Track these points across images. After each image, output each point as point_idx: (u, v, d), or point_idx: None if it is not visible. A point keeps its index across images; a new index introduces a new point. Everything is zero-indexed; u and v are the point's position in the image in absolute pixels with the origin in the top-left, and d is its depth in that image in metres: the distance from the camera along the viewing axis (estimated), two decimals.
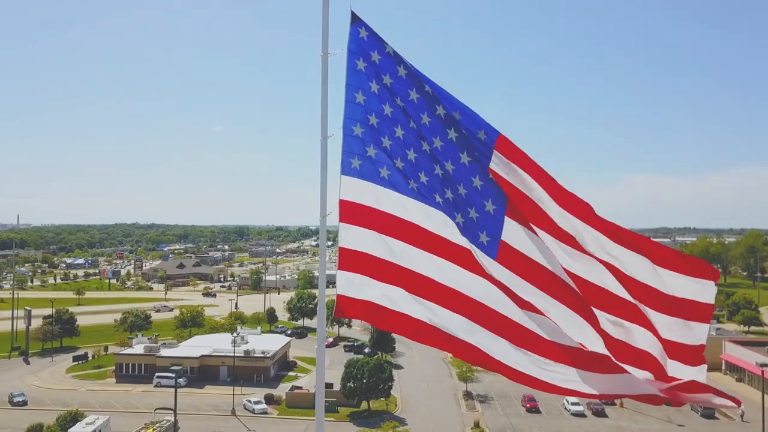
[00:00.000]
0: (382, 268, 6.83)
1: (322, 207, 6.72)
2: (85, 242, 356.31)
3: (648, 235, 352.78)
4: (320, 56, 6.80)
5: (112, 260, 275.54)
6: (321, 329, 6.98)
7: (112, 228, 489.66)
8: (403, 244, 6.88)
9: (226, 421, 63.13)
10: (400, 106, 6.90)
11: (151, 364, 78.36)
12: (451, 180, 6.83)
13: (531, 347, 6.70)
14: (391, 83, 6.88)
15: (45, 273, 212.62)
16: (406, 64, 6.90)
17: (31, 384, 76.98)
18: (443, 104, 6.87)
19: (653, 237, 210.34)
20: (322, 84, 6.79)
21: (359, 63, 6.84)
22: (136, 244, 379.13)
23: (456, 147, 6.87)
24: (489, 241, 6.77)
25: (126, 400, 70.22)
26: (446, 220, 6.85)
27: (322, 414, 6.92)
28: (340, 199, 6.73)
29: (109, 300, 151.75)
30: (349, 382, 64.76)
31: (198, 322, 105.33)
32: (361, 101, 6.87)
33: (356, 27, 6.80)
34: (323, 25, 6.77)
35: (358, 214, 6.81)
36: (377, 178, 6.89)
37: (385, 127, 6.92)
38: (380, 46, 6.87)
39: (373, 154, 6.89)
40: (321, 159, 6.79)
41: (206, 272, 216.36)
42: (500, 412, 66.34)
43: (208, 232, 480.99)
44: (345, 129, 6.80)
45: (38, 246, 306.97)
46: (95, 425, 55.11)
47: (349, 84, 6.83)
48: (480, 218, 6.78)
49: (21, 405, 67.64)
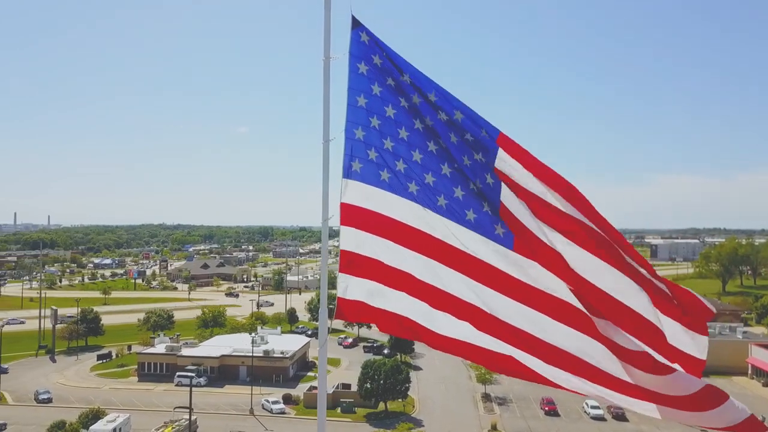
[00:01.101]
0: (383, 272, 6.87)
1: (324, 210, 6.82)
2: (113, 242, 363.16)
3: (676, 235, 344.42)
4: (322, 60, 6.88)
5: (139, 260, 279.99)
6: (323, 330, 7.00)
7: (139, 229, 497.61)
8: (403, 247, 6.91)
9: (245, 420, 63.72)
10: (403, 108, 6.96)
11: (172, 363, 79.48)
12: (461, 177, 6.86)
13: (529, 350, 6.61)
14: (393, 86, 6.94)
15: (73, 273, 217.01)
16: (407, 67, 6.95)
17: (57, 382, 78.68)
18: (445, 106, 6.90)
19: (681, 238, 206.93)
20: (324, 88, 6.88)
21: (361, 66, 6.90)
22: (162, 244, 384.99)
23: (456, 150, 6.88)
24: (505, 232, 6.78)
25: (147, 399, 71.36)
26: (447, 223, 6.85)
27: (324, 414, 7.00)
28: (341, 202, 6.81)
29: (134, 300, 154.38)
30: (366, 383, 64.88)
31: (220, 322, 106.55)
32: (362, 104, 6.92)
33: (357, 31, 6.87)
34: (325, 29, 6.83)
35: (359, 217, 6.87)
36: (378, 181, 6.93)
37: (387, 129, 6.96)
38: (381, 50, 6.92)
39: (374, 157, 6.94)
40: (323, 162, 6.87)
41: (230, 272, 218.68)
42: (518, 415, 65.84)
43: (233, 233, 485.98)
44: (347, 132, 6.86)
45: (67, 246, 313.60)
46: (115, 423, 56.14)
47: (351, 87, 6.88)
48: (493, 212, 6.79)
49: (46, 402, 69.17)
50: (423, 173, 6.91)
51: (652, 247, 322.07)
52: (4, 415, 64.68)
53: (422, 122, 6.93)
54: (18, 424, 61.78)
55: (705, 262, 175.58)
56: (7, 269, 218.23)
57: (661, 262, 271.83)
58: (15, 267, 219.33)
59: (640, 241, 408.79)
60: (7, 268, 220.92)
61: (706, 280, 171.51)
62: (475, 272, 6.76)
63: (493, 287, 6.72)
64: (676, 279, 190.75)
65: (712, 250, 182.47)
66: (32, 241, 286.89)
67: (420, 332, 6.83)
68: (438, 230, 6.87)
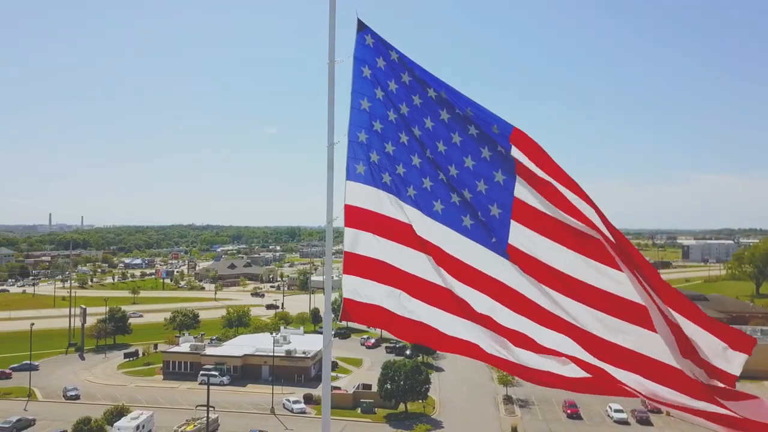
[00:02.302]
0: (386, 272, 6.94)
1: (329, 212, 6.84)
2: (143, 243, 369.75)
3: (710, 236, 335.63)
4: (327, 64, 6.90)
5: (168, 260, 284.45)
6: (327, 332, 7.06)
7: (169, 229, 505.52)
8: (406, 248, 6.96)
9: (265, 419, 64.23)
10: (405, 112, 6.96)
11: (197, 362, 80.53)
12: (457, 184, 6.84)
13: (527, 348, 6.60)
14: (397, 89, 6.95)
15: (104, 272, 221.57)
16: (412, 69, 6.92)
17: (85, 379, 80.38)
18: (451, 106, 6.84)
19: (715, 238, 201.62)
20: (328, 91, 6.90)
21: (365, 70, 6.95)
22: (191, 244, 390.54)
23: (461, 150, 6.83)
24: (497, 242, 6.74)
25: (171, 397, 72.44)
26: (443, 229, 6.86)
27: (328, 413, 7.15)
28: (345, 204, 6.92)
29: (162, 299, 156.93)
30: (386, 384, 64.85)
31: (244, 321, 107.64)
32: (366, 108, 6.99)
33: (362, 34, 6.90)
34: (330, 33, 6.87)
35: (363, 219, 6.95)
36: (380, 184, 7.01)
37: (390, 133, 7.01)
38: (386, 53, 6.93)
39: (376, 159, 7.01)
40: (328, 165, 6.90)
41: (256, 272, 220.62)
42: (540, 418, 65.11)
43: (261, 233, 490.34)
44: (350, 135, 6.95)
45: (99, 246, 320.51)
46: (139, 420, 57.10)
47: (355, 91, 6.95)
48: (488, 221, 6.76)
49: (74, 399, 70.73)
50: (421, 177, 6.93)
51: (684, 248, 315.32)
52: (34, 410, 66.34)
53: (422, 127, 6.92)
54: (46, 420, 63.31)
55: (738, 264, 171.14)
56: (42, 269, 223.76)
57: (692, 264, 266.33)
58: (49, 267, 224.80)
59: (672, 242, 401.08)
60: (41, 267, 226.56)
61: (738, 282, 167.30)
62: (472, 280, 6.75)
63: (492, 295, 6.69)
64: (707, 281, 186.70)
65: (745, 251, 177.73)
66: (66, 242, 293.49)
67: (422, 332, 6.86)
68: (435, 234, 6.88)
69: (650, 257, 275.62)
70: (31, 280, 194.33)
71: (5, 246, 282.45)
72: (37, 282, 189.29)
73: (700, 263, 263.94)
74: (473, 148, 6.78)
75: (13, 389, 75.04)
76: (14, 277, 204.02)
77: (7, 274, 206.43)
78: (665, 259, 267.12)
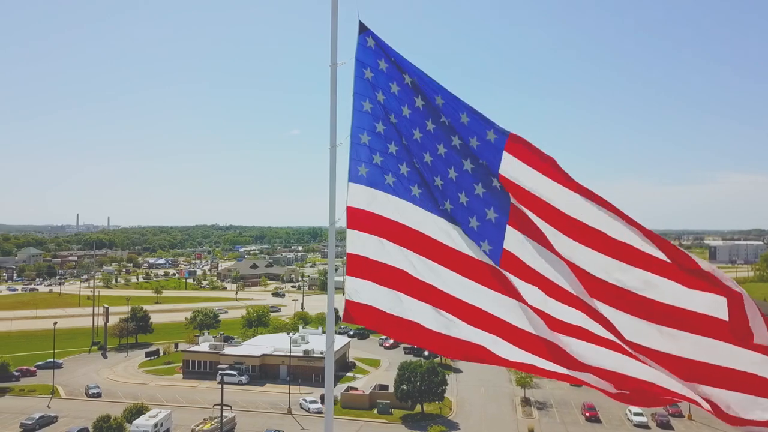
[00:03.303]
0: (388, 275, 6.94)
1: (331, 214, 6.87)
2: (167, 243, 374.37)
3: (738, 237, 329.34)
4: (329, 66, 6.96)
5: (191, 260, 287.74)
6: (330, 333, 7.07)
7: (193, 229, 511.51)
8: (408, 250, 6.96)
9: (282, 419, 64.58)
10: (406, 115, 6.98)
11: (216, 361, 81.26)
12: (453, 189, 6.83)
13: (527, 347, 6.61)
14: (398, 91, 6.96)
15: (129, 272, 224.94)
16: (413, 72, 6.93)
17: (107, 377, 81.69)
18: (449, 110, 6.83)
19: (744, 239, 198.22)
20: (330, 93, 6.96)
21: (366, 72, 6.96)
22: (214, 245, 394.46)
23: (459, 154, 6.83)
24: (491, 249, 6.70)
25: (191, 396, 73.25)
26: (448, 227, 6.87)
27: (331, 414, 7.05)
28: (348, 205, 6.93)
29: (184, 299, 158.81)
30: (403, 385, 64.72)
31: (264, 321, 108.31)
32: (368, 109, 7.00)
33: (364, 36, 6.92)
34: (332, 35, 6.90)
35: (365, 221, 6.96)
36: (383, 185, 7.01)
37: (392, 135, 7.03)
38: (387, 55, 6.95)
39: (379, 161, 7.02)
40: (330, 167, 6.95)
41: (278, 273, 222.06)
42: (557, 420, 64.41)
43: (283, 234, 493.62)
44: (352, 137, 6.96)
45: (125, 246, 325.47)
46: (157, 418, 57.87)
47: (357, 93, 6.97)
48: (480, 227, 6.73)
49: (96, 397, 71.93)
50: (422, 179, 6.93)
51: (711, 249, 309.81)
52: (57, 407, 67.64)
53: (424, 128, 6.92)
54: (69, 417, 64.46)
55: (766, 265, 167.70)
56: (68, 268, 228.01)
57: (720, 265, 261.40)
58: (75, 266, 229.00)
59: (699, 243, 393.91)
60: (68, 267, 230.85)
61: (767, 283, 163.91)
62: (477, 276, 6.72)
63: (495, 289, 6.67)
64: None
65: None
66: (92, 242, 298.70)
67: (423, 335, 6.83)
68: (438, 235, 6.88)
69: None
70: (57, 279, 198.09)
71: (34, 246, 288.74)
72: (64, 281, 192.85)
73: (728, 264, 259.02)
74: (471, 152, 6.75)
75: (37, 386, 76.59)
76: (42, 276, 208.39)
77: (35, 274, 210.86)
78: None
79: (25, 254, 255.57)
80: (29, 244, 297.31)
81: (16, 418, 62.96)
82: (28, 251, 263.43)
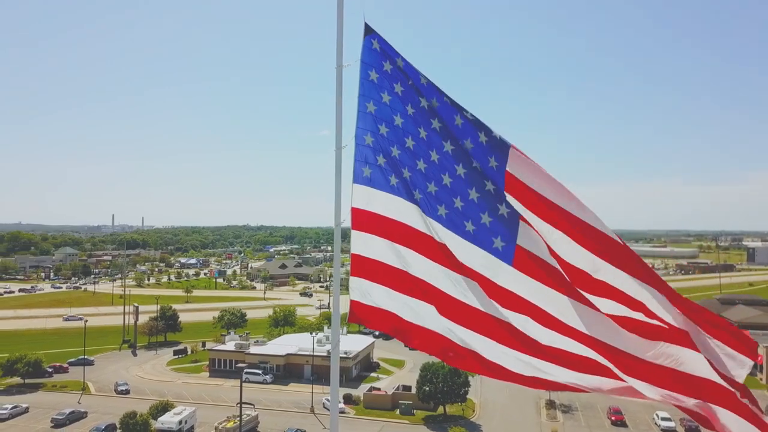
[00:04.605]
0: (392, 276, 6.99)
1: (337, 215, 6.95)
2: (199, 243, 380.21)
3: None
4: (335, 68, 7.00)
5: (222, 260, 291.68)
6: (335, 333, 7.18)
7: (225, 230, 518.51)
8: (412, 251, 7.00)
9: (305, 418, 64.94)
10: (411, 116, 7.03)
11: (241, 360, 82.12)
12: (461, 186, 6.85)
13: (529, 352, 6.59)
14: (402, 93, 7.02)
15: (161, 272, 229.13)
16: (417, 75, 7.01)
17: (135, 374, 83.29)
18: (453, 114, 6.91)
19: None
20: (336, 95, 7.01)
21: (372, 74, 7.03)
22: (245, 245, 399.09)
23: (466, 153, 6.87)
24: (504, 246, 6.69)
25: (216, 394, 74.20)
26: (446, 232, 6.87)
27: (336, 414, 7.13)
28: (352, 206, 7.01)
29: (213, 298, 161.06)
30: (425, 386, 64.49)
31: (290, 321, 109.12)
32: (372, 111, 7.06)
33: (369, 38, 6.98)
34: (338, 38, 6.95)
35: (369, 222, 7.02)
36: (387, 187, 7.07)
37: (396, 136, 7.07)
38: (392, 57, 7.01)
39: (383, 163, 7.07)
40: (335, 168, 7.01)
41: (306, 272, 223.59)
42: (582, 424, 63.40)
43: (313, 234, 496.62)
44: (357, 138, 7.03)
45: (158, 246, 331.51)
46: (181, 416, 58.85)
47: (362, 94, 7.03)
48: (493, 223, 6.73)
49: (124, 393, 73.40)
50: (426, 182, 6.96)
51: (749, 251, 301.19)
52: (87, 403, 69.23)
53: (427, 131, 6.97)
54: (98, 413, 65.86)
55: None
56: (102, 268, 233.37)
57: (758, 267, 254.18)
58: (109, 266, 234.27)
59: (737, 244, 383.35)
60: (102, 266, 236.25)
61: None
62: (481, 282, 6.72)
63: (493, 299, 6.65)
64: None
65: None
66: (126, 242, 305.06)
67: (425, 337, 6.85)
68: (441, 237, 6.90)
69: (712, 260, 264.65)
70: (92, 278, 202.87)
71: (70, 246, 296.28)
72: (98, 280, 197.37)
73: (767, 266, 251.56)
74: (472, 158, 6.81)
75: (69, 383, 78.52)
76: (77, 275, 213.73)
77: (70, 273, 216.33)
78: (728, 262, 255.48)
79: (62, 254, 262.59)
80: (66, 243, 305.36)
81: (47, 413, 64.62)
82: (65, 251, 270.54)
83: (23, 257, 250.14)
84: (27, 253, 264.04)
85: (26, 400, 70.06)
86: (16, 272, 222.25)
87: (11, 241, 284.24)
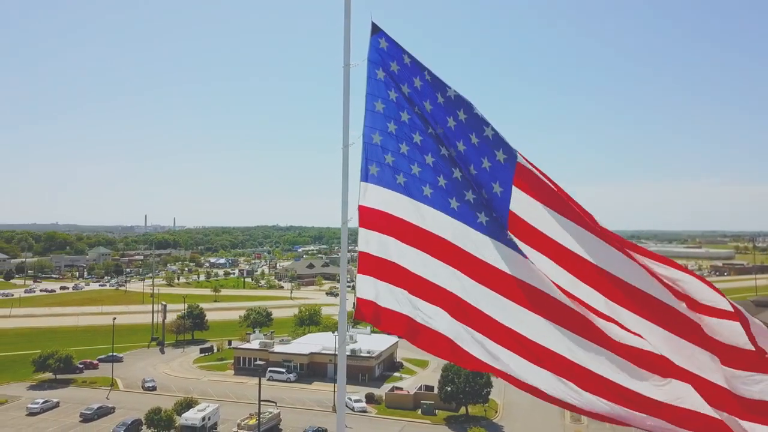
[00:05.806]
0: (398, 274, 7.01)
1: (344, 213, 7.00)
2: (229, 243, 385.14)
3: None
4: (342, 67, 7.06)
5: (251, 260, 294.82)
6: (342, 332, 7.18)
7: (254, 230, 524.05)
8: (418, 250, 7.01)
9: (326, 416, 65.21)
10: (418, 113, 7.05)
11: (265, 358, 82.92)
12: (472, 182, 6.84)
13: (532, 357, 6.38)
14: (410, 92, 7.04)
15: (191, 271, 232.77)
16: (424, 73, 7.00)
17: (163, 372, 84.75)
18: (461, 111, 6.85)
19: None
20: (343, 94, 7.05)
21: (379, 72, 7.07)
22: (274, 245, 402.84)
23: (477, 151, 6.82)
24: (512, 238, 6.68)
25: (240, 391, 75.04)
26: (460, 226, 6.84)
27: (343, 414, 7.19)
28: (359, 205, 7.06)
29: (241, 297, 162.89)
30: (447, 386, 64.20)
31: (315, 320, 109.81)
32: (380, 110, 7.10)
33: (377, 37, 7.02)
34: (345, 37, 7.00)
35: (376, 220, 7.07)
36: (394, 185, 7.10)
37: (403, 134, 7.10)
38: (400, 56, 7.03)
39: (390, 161, 7.10)
40: (342, 166, 7.06)
41: (333, 272, 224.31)
42: (607, 427, 62.21)
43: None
44: (364, 137, 7.08)
45: (188, 246, 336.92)
46: (205, 412, 59.65)
47: (369, 93, 7.08)
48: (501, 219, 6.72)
49: (151, 390, 74.76)
50: (436, 176, 6.95)
51: None
52: (115, 399, 70.74)
53: (435, 127, 6.96)
54: (125, 408, 67.19)
55: None
56: (134, 267, 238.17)
57: None
58: (141, 265, 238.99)
59: None
60: (134, 266, 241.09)
61: None
62: (487, 278, 6.64)
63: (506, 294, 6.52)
64: None
65: None
66: (158, 242, 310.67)
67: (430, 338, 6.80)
68: (450, 233, 6.86)
69: (748, 261, 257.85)
70: (124, 277, 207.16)
71: (103, 246, 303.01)
72: (129, 279, 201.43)
73: None
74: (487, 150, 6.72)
75: (98, 379, 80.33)
76: (110, 274, 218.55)
77: (103, 272, 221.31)
78: (765, 263, 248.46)
79: (95, 253, 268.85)
80: (99, 243, 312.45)
81: (77, 408, 66.19)
82: (98, 250, 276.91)
83: (58, 256, 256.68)
84: (62, 253, 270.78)
85: (57, 395, 71.85)
86: (51, 271, 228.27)
87: (47, 240, 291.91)
